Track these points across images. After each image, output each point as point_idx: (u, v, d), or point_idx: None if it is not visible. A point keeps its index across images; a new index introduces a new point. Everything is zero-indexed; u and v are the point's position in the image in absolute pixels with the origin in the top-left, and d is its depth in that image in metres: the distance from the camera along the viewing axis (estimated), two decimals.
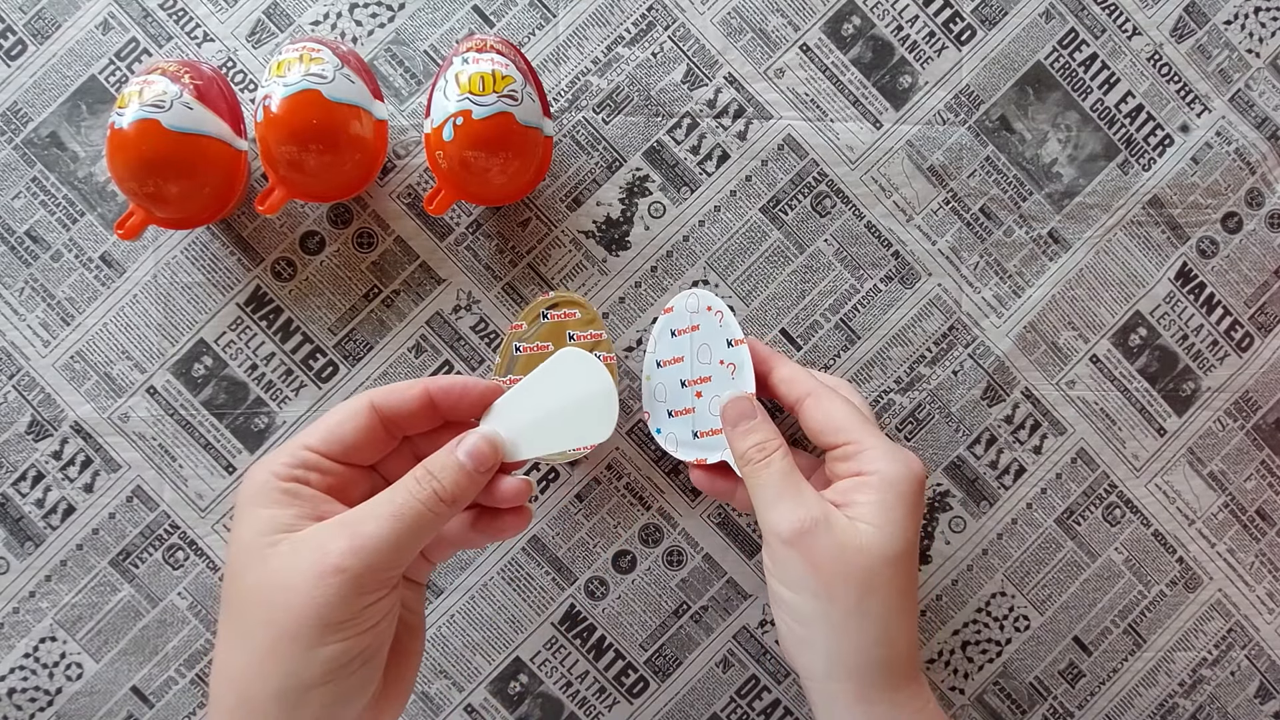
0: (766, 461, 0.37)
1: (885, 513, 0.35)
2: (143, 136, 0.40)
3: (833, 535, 0.34)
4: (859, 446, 0.37)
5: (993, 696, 0.49)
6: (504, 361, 0.44)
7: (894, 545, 0.35)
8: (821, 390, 0.39)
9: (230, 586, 0.31)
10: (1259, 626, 0.49)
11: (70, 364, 0.46)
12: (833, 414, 0.38)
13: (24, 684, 0.46)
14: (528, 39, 0.48)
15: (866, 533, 0.35)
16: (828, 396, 0.38)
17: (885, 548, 0.34)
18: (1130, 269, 0.49)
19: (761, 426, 0.38)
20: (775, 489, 0.36)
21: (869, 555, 0.34)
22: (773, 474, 0.37)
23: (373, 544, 0.29)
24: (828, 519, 0.35)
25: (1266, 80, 0.49)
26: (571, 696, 0.48)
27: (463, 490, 0.32)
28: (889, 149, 0.48)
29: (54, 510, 0.46)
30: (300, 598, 0.28)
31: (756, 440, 0.38)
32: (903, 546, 0.35)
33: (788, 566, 0.35)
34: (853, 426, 0.37)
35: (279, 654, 0.29)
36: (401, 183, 0.47)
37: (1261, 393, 0.49)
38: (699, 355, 0.42)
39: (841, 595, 0.34)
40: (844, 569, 0.34)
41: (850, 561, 0.34)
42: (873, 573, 0.34)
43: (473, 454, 0.33)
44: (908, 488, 0.35)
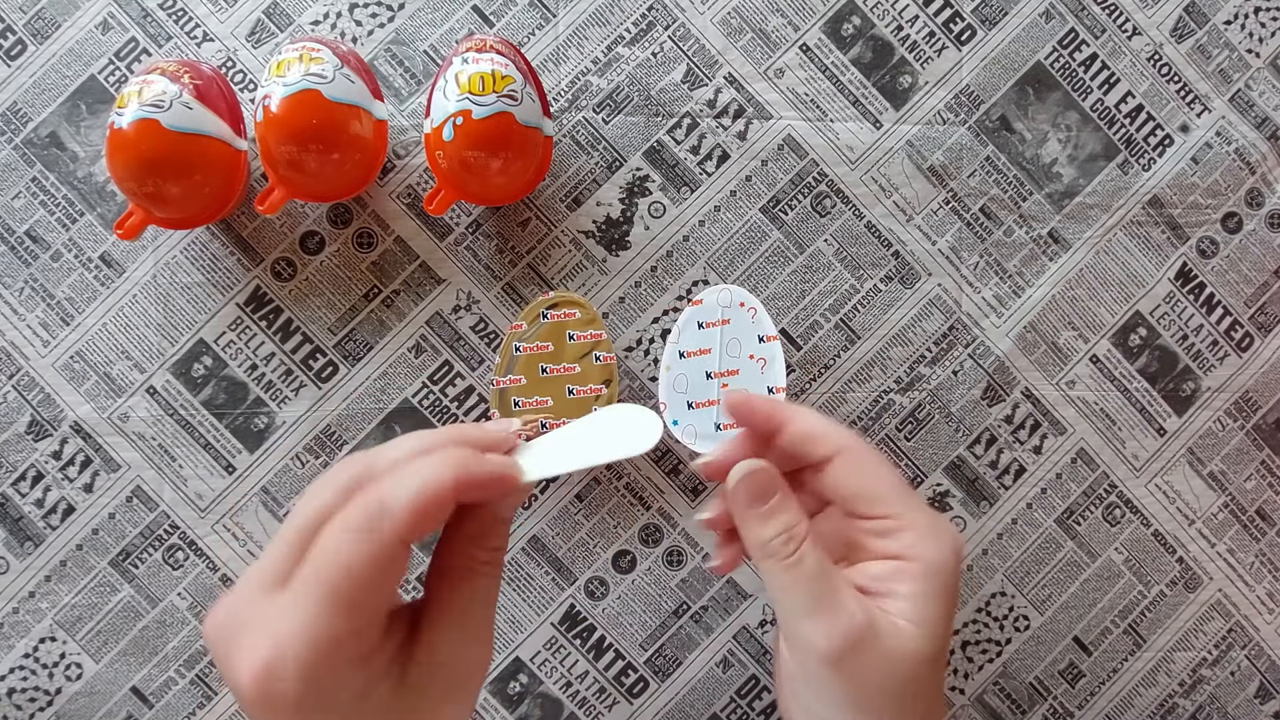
0: (796, 559, 0.30)
1: (929, 608, 0.30)
2: (142, 136, 0.40)
3: (879, 648, 0.29)
4: (900, 524, 0.31)
5: (993, 696, 0.49)
6: (504, 361, 0.44)
7: (936, 644, 0.29)
8: (855, 444, 0.32)
9: None
10: (1259, 626, 0.49)
11: (70, 364, 0.46)
12: (872, 479, 0.31)
13: (24, 684, 0.46)
14: (528, 39, 0.48)
15: (909, 635, 0.29)
16: (863, 454, 0.32)
17: (928, 649, 0.29)
18: (1130, 269, 0.49)
19: (785, 509, 0.31)
20: (807, 595, 0.29)
21: (913, 662, 0.29)
22: (803, 575, 0.30)
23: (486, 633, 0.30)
24: (874, 629, 0.29)
25: (1266, 80, 0.49)
26: (571, 696, 0.48)
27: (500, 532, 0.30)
28: (889, 149, 0.48)
29: (54, 510, 0.46)
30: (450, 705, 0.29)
31: (779, 529, 0.30)
32: (944, 644, 0.30)
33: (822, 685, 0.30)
34: (894, 496, 0.31)
35: None
36: (401, 183, 0.47)
37: (1261, 393, 0.49)
38: (728, 349, 0.44)
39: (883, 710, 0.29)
40: (889, 684, 0.29)
41: (896, 674, 0.29)
42: (917, 681, 0.29)
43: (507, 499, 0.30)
44: (951, 577, 0.30)
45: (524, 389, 0.44)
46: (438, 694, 0.28)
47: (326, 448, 0.47)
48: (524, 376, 0.44)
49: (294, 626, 0.24)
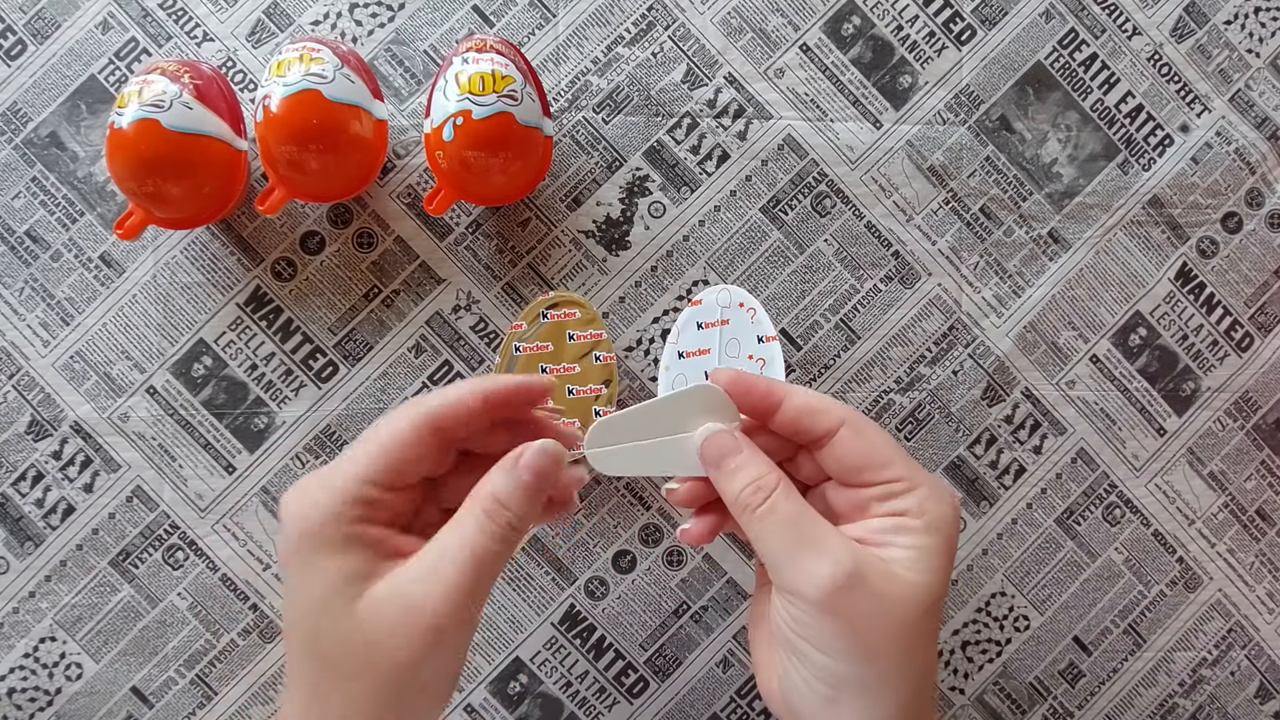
0: (768, 505, 0.30)
1: (927, 559, 0.30)
2: (142, 136, 0.40)
3: (870, 589, 0.29)
4: (908, 484, 0.31)
5: (993, 696, 0.49)
6: (504, 361, 0.44)
7: (934, 593, 0.30)
8: (855, 415, 0.32)
9: (309, 644, 0.29)
10: (1259, 626, 0.49)
11: (70, 364, 0.46)
12: (878, 446, 0.31)
13: (24, 684, 0.46)
14: (528, 39, 0.48)
15: (907, 581, 0.30)
16: (865, 423, 0.32)
17: (925, 597, 0.30)
18: (1130, 269, 0.49)
19: (751, 461, 0.32)
20: (788, 539, 0.30)
21: (910, 607, 0.29)
22: (779, 520, 0.30)
23: (459, 593, 0.29)
24: (861, 570, 0.29)
25: (1266, 80, 0.49)
26: (571, 696, 0.48)
27: (532, 513, 0.31)
28: (889, 149, 0.48)
29: (54, 510, 0.46)
30: (398, 656, 0.28)
31: (749, 479, 0.31)
32: (941, 593, 0.31)
33: (818, 630, 0.30)
34: (899, 459, 0.31)
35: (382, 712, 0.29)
36: (401, 183, 0.47)
37: (1261, 393, 0.49)
38: (727, 349, 0.44)
39: (883, 656, 0.29)
40: (887, 627, 0.29)
41: (894, 617, 0.29)
42: (915, 628, 0.30)
43: (537, 470, 0.30)
44: (952, 533, 0.31)
45: None
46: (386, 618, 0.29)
47: (326, 448, 0.47)
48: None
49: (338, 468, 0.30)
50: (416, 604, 0.28)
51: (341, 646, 0.29)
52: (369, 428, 0.31)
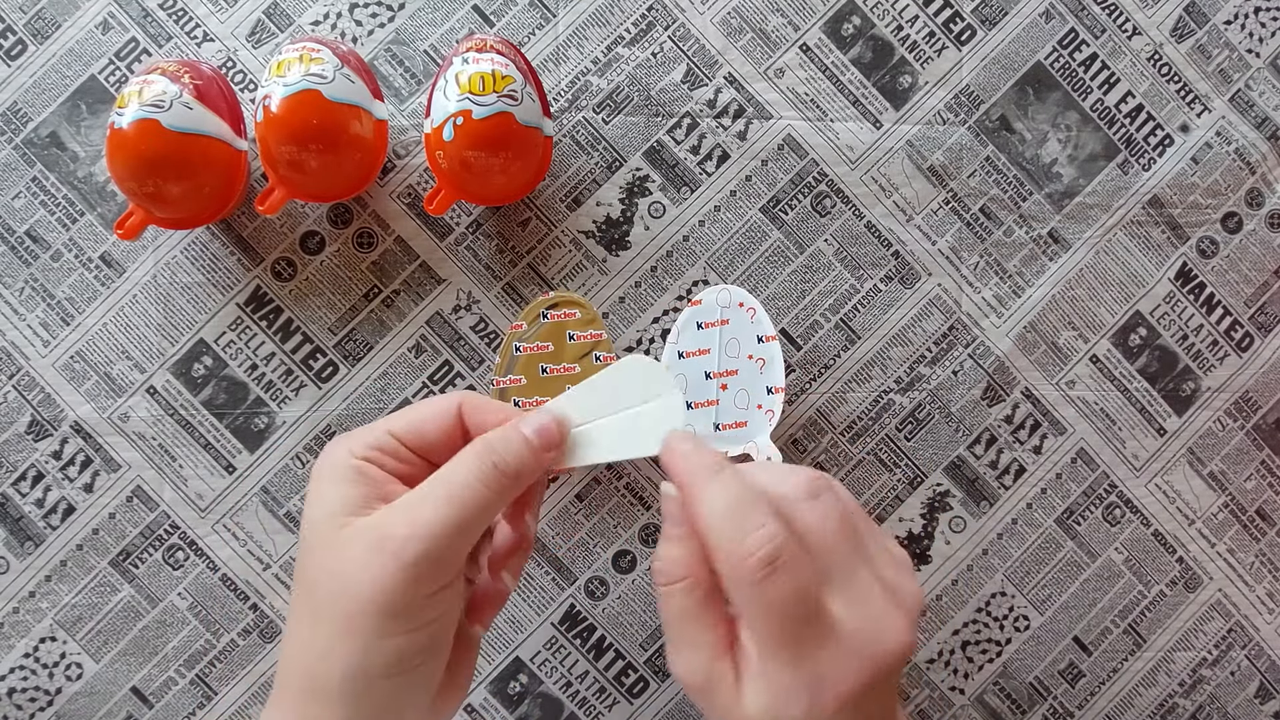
0: (667, 591, 0.30)
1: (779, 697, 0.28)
2: (142, 136, 0.40)
3: (715, 703, 0.28)
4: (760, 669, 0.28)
5: (993, 696, 0.49)
6: (504, 361, 0.44)
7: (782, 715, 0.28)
8: (741, 586, 0.28)
9: (301, 565, 0.30)
10: (1259, 626, 0.49)
11: (70, 364, 0.46)
12: (751, 618, 0.28)
13: (24, 684, 0.46)
14: (528, 39, 0.48)
15: (750, 708, 0.28)
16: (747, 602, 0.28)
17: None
18: (1130, 269, 0.49)
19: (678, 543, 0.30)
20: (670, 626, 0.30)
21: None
22: (670, 608, 0.30)
23: (430, 530, 0.28)
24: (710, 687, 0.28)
25: (1266, 80, 0.49)
26: (571, 696, 0.48)
27: (526, 466, 0.30)
28: (889, 149, 0.48)
29: (54, 510, 0.46)
30: (364, 586, 0.28)
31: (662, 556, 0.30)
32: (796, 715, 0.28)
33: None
34: (770, 644, 0.28)
35: (346, 639, 0.28)
36: (401, 183, 0.47)
37: (1261, 393, 0.49)
38: (727, 349, 0.44)
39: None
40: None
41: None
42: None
43: (539, 430, 0.31)
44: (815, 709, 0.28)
45: (524, 389, 0.44)
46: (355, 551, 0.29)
47: None
48: (524, 376, 0.44)
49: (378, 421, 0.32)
50: (388, 536, 0.28)
51: (323, 574, 0.29)
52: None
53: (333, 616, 0.29)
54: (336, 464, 0.30)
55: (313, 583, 0.30)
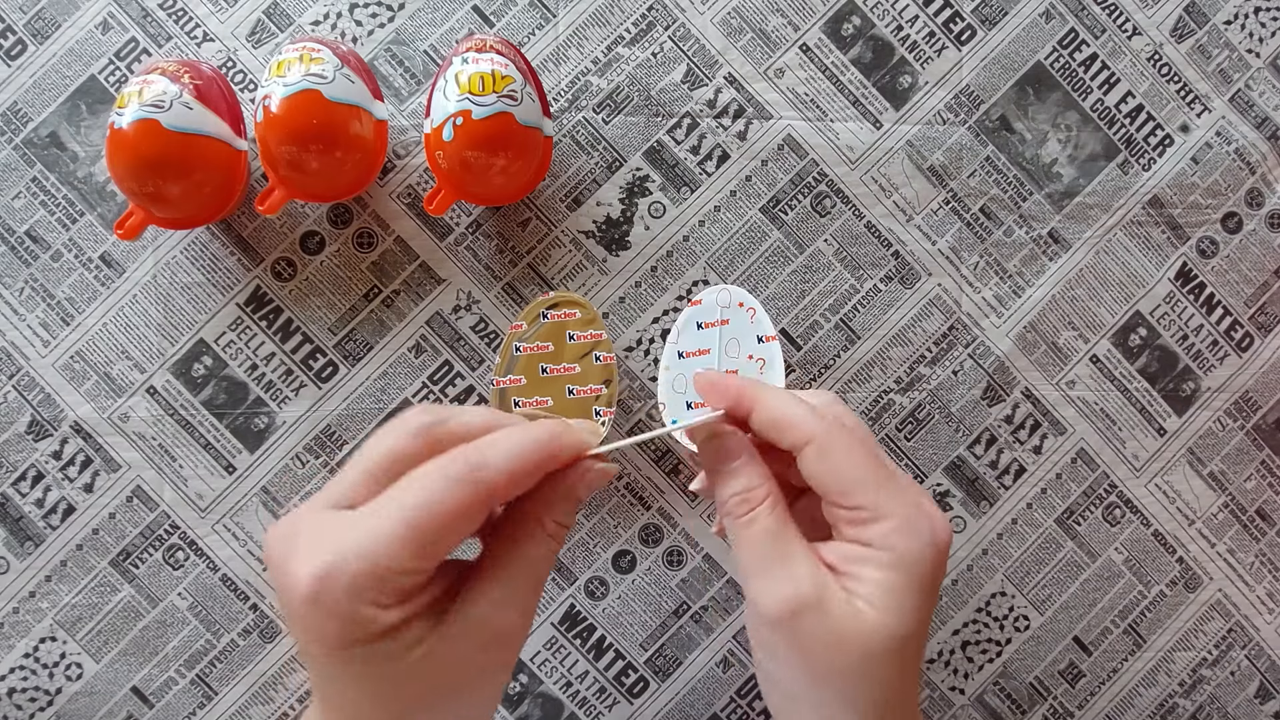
0: (750, 517, 0.30)
1: (893, 596, 0.29)
2: (142, 136, 0.40)
3: (826, 620, 0.28)
4: (872, 515, 0.29)
5: (993, 696, 0.49)
6: (504, 362, 0.44)
7: (899, 630, 0.29)
8: (825, 434, 0.30)
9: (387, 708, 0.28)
10: (1259, 626, 0.49)
11: (70, 364, 0.46)
12: (839, 471, 0.30)
13: (24, 684, 0.46)
14: (528, 39, 0.48)
15: (867, 616, 0.29)
16: (832, 443, 0.30)
17: (888, 634, 0.29)
18: (1130, 269, 0.49)
19: (746, 470, 0.31)
20: (759, 554, 0.30)
21: (868, 642, 0.29)
22: (756, 534, 0.30)
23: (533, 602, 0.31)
24: (821, 600, 0.29)
25: (1266, 80, 0.49)
26: (571, 696, 0.48)
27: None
28: (889, 149, 0.48)
29: (54, 510, 0.46)
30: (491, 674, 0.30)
31: (738, 489, 0.31)
32: (910, 630, 0.29)
33: (773, 643, 0.30)
34: (864, 488, 0.30)
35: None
36: (401, 183, 0.47)
37: (1261, 393, 0.49)
38: (727, 349, 0.43)
39: (833, 685, 0.29)
40: (838, 658, 0.29)
41: (846, 650, 0.29)
42: (871, 661, 0.29)
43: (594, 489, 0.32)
44: (925, 569, 0.29)
45: (524, 389, 0.44)
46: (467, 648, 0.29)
47: (327, 448, 0.47)
48: (524, 376, 0.44)
49: (361, 543, 0.26)
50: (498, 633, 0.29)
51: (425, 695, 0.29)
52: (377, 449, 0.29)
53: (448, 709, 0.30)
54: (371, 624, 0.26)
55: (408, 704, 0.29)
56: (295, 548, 0.27)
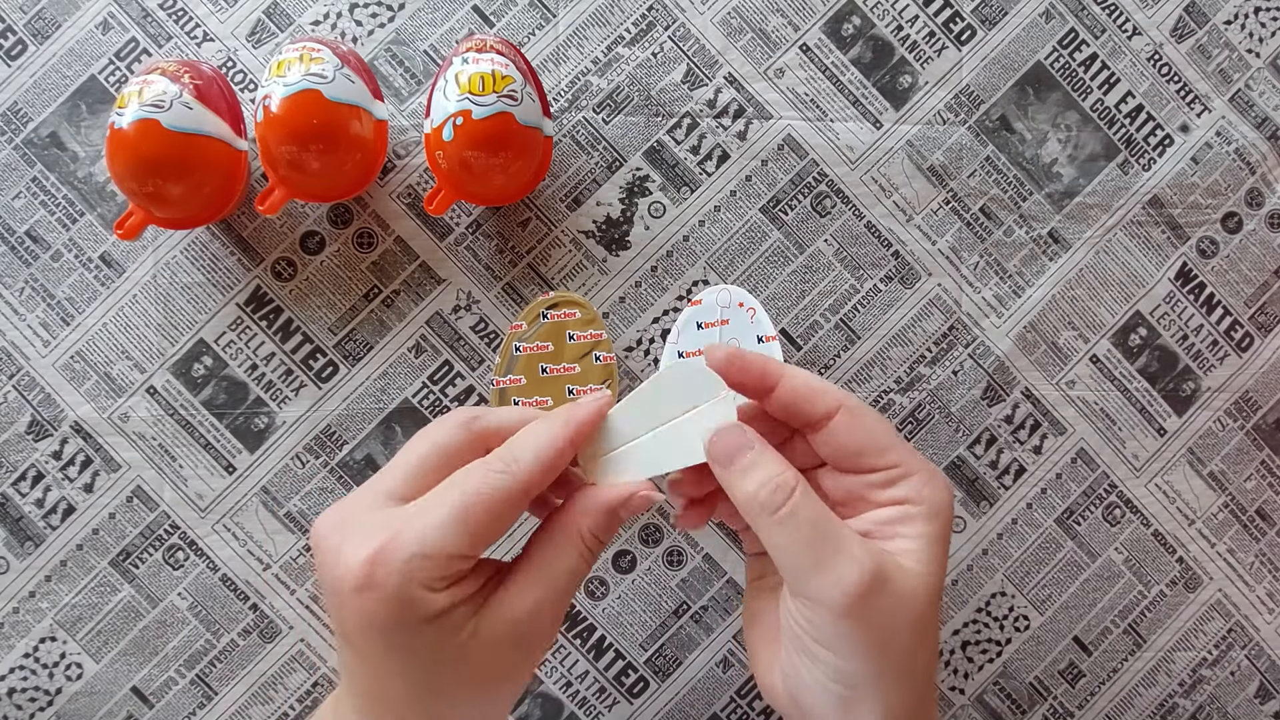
0: (789, 508, 0.29)
1: (931, 548, 0.30)
2: (142, 136, 0.40)
3: (891, 591, 0.29)
4: (905, 470, 0.30)
5: (993, 696, 0.49)
6: (504, 361, 0.44)
7: (939, 580, 0.30)
8: (854, 401, 0.31)
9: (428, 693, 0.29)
10: (1259, 626, 0.49)
11: (70, 364, 0.46)
12: (875, 431, 0.31)
13: (24, 684, 0.46)
14: (528, 39, 0.48)
15: (916, 575, 0.30)
16: (862, 408, 0.31)
17: (933, 587, 0.30)
18: (1130, 269, 0.49)
19: (765, 459, 0.30)
20: (812, 546, 0.29)
21: (921, 602, 0.29)
22: (801, 528, 0.29)
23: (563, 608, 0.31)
24: (884, 574, 0.29)
25: (1266, 80, 0.49)
26: (571, 696, 0.48)
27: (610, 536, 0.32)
28: (889, 149, 0.48)
29: (54, 510, 0.46)
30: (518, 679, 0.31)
31: (764, 478, 0.29)
32: (942, 581, 0.31)
33: (836, 634, 0.29)
34: (895, 444, 0.31)
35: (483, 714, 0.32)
36: (401, 183, 0.47)
37: (1261, 393, 0.49)
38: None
39: (896, 651, 0.29)
40: (904, 624, 0.29)
41: (907, 614, 0.29)
42: (924, 620, 0.30)
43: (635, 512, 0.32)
44: (949, 517, 0.31)
45: (524, 389, 0.44)
46: (500, 643, 0.29)
47: (326, 448, 0.47)
48: (524, 376, 0.44)
49: (414, 527, 0.28)
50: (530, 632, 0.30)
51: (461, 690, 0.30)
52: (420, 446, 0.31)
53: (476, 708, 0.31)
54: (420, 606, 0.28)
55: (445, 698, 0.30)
56: (347, 536, 0.28)
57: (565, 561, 0.31)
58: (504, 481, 0.29)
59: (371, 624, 0.28)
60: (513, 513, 0.29)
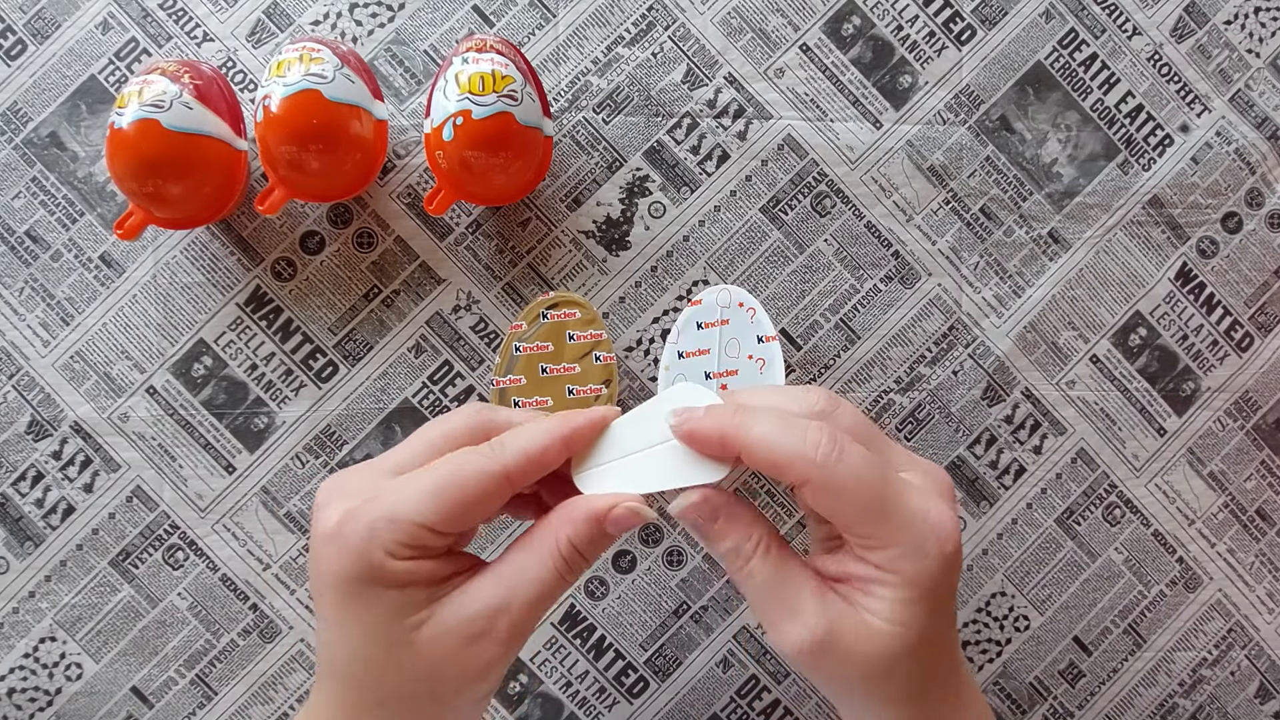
0: (747, 571, 0.31)
1: (907, 609, 0.29)
2: (142, 136, 0.40)
3: (841, 649, 0.29)
4: (879, 543, 0.30)
5: (993, 696, 0.49)
6: (504, 361, 0.44)
7: (914, 638, 0.30)
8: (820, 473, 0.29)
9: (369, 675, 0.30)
10: (1259, 626, 0.49)
11: (70, 364, 0.46)
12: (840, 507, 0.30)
13: (24, 684, 0.46)
14: (528, 39, 0.48)
15: (882, 633, 0.29)
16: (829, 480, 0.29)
17: (905, 643, 0.30)
18: (1130, 269, 0.49)
19: (730, 530, 0.31)
20: (764, 603, 0.31)
21: (884, 657, 0.30)
22: (756, 586, 0.31)
23: (524, 629, 0.30)
24: (832, 634, 0.29)
25: (1266, 80, 0.49)
26: (571, 696, 0.48)
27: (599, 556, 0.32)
28: (889, 149, 0.48)
29: (54, 510, 0.46)
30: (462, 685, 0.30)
31: (729, 545, 0.31)
32: (926, 634, 0.30)
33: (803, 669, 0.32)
34: (865, 518, 0.29)
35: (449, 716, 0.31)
36: (401, 183, 0.47)
37: (1261, 393, 0.49)
38: (726, 349, 0.44)
39: (858, 691, 0.31)
40: (856, 674, 0.30)
41: (864, 665, 0.30)
42: (891, 668, 0.30)
43: (621, 527, 0.31)
44: (936, 580, 0.30)
45: (524, 389, 0.44)
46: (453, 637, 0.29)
47: (326, 448, 0.47)
48: (524, 376, 0.44)
49: (392, 495, 0.29)
50: (484, 633, 0.29)
51: (403, 677, 0.30)
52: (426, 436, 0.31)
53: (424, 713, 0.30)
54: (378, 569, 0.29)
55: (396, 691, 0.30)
56: (336, 496, 0.30)
57: (534, 568, 0.30)
58: (483, 463, 0.30)
59: (331, 574, 0.29)
60: (487, 498, 0.30)
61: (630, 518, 0.31)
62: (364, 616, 0.29)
